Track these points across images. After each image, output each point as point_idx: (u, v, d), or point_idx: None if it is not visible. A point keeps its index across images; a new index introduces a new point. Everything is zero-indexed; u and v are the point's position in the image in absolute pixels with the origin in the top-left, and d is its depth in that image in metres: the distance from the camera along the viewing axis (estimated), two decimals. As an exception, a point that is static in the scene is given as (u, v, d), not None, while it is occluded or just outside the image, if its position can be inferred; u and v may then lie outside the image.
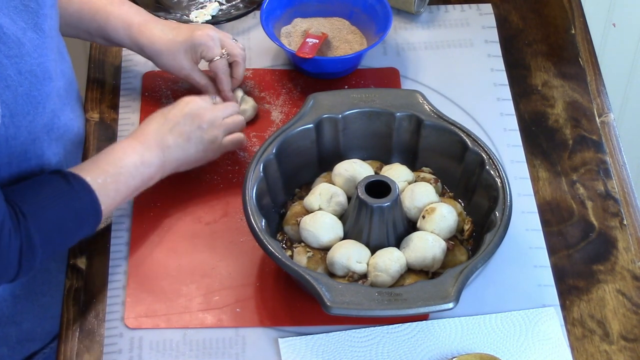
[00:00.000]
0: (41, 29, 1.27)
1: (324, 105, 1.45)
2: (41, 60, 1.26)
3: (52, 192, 1.28)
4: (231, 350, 1.33)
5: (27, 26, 1.25)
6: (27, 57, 1.24)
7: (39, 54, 1.26)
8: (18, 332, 1.48)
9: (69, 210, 1.29)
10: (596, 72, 1.64)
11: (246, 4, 1.71)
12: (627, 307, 1.37)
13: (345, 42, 1.63)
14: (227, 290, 1.38)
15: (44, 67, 1.27)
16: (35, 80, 1.25)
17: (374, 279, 1.33)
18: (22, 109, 1.25)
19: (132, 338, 1.34)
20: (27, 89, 1.24)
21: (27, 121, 1.26)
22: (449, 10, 1.72)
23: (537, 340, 1.33)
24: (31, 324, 1.49)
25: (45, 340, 1.53)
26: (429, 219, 1.36)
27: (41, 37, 1.27)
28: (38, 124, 1.29)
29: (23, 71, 1.23)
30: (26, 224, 1.24)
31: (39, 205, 1.26)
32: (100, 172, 1.33)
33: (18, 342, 1.49)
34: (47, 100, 1.29)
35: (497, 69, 1.64)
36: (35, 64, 1.25)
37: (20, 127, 1.26)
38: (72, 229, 1.31)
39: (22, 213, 1.25)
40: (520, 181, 1.49)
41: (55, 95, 1.32)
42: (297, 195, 1.45)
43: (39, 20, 1.27)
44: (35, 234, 1.25)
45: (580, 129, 1.56)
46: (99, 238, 1.44)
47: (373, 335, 1.33)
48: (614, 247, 1.43)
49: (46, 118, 1.30)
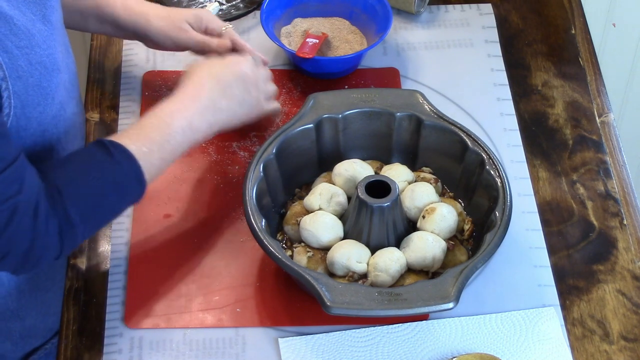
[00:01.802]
0: (49, 20, 1.27)
1: (324, 105, 1.45)
2: (50, 51, 1.26)
3: (89, 164, 1.24)
4: (231, 350, 1.33)
5: (36, 17, 1.26)
6: (36, 48, 1.24)
7: (48, 45, 1.26)
8: (21, 327, 1.48)
9: (110, 184, 1.24)
10: (596, 72, 1.64)
11: (246, 4, 1.71)
12: (627, 307, 1.37)
13: (345, 42, 1.63)
14: (227, 290, 1.38)
15: (52, 59, 1.26)
16: (45, 72, 1.25)
17: (374, 279, 1.33)
18: (32, 100, 1.24)
19: (132, 338, 1.34)
20: (37, 79, 1.24)
21: (38, 112, 1.26)
22: (449, 10, 1.72)
23: (537, 340, 1.33)
24: (34, 320, 1.49)
25: (46, 336, 1.53)
26: (429, 219, 1.36)
27: (49, 29, 1.27)
28: (48, 116, 1.28)
29: (33, 62, 1.23)
30: (62, 202, 1.21)
31: (76, 179, 1.23)
32: (146, 140, 1.28)
33: (21, 337, 1.49)
34: (56, 92, 1.28)
35: (497, 69, 1.64)
36: (44, 55, 1.25)
37: (31, 118, 1.25)
38: (115, 202, 1.27)
39: (57, 190, 1.21)
40: (520, 181, 1.49)
41: (63, 87, 1.31)
42: (297, 195, 1.45)
43: (46, 12, 1.27)
44: (73, 211, 1.22)
45: (580, 129, 1.56)
46: (99, 238, 1.44)
47: (373, 335, 1.33)
48: (614, 247, 1.43)
49: (55, 109, 1.29)
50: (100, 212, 1.26)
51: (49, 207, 1.20)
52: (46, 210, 1.20)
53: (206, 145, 1.53)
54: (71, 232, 1.23)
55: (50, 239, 1.21)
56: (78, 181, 1.23)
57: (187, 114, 1.32)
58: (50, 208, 1.21)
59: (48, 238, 1.21)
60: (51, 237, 1.21)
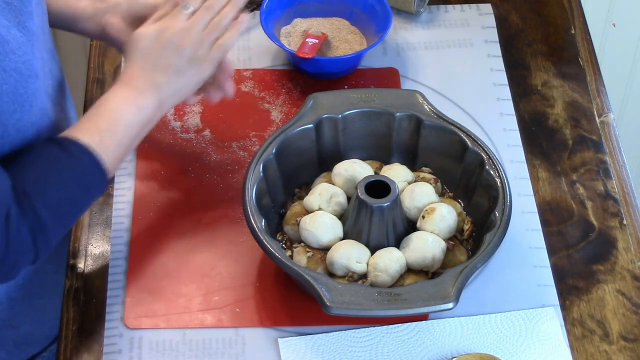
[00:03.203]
0: (25, 27, 1.25)
1: (324, 105, 1.45)
2: (26, 58, 1.24)
3: (50, 164, 1.24)
4: (231, 350, 1.33)
5: (11, 24, 1.24)
6: (11, 55, 1.22)
7: (24, 51, 1.24)
8: (16, 335, 1.47)
9: (72, 179, 1.24)
10: (596, 72, 1.64)
11: (246, 4, 1.71)
12: (627, 307, 1.37)
13: (345, 42, 1.63)
14: (226, 290, 1.38)
15: (29, 65, 1.25)
16: (21, 78, 1.24)
17: (373, 279, 1.33)
18: (7, 107, 1.23)
19: (132, 338, 1.34)
20: (12, 86, 1.22)
21: (15, 119, 1.24)
22: (449, 10, 1.72)
23: (537, 340, 1.33)
24: (29, 328, 1.48)
25: (43, 344, 1.52)
26: (429, 219, 1.36)
27: (26, 35, 1.25)
28: (26, 123, 1.26)
29: (7, 69, 1.22)
30: (31, 204, 1.21)
31: (40, 181, 1.22)
32: (95, 129, 1.27)
33: (16, 346, 1.48)
34: (34, 99, 1.27)
35: (497, 69, 1.64)
36: (20, 62, 1.23)
37: (7, 125, 1.24)
38: (80, 196, 1.26)
39: (24, 193, 1.21)
40: (520, 181, 1.49)
41: (44, 93, 1.30)
42: (297, 195, 1.45)
43: (22, 19, 1.25)
44: (43, 212, 1.21)
45: (580, 129, 1.56)
46: (99, 238, 1.44)
47: (373, 335, 1.33)
48: (613, 247, 1.43)
49: (35, 117, 1.28)
50: (69, 209, 1.25)
51: (19, 211, 1.20)
52: (17, 214, 1.19)
53: (206, 145, 1.53)
54: (44, 234, 1.22)
55: (24, 243, 1.21)
56: (42, 182, 1.22)
57: (129, 96, 1.30)
58: (21, 212, 1.20)
59: (21, 242, 1.21)
60: (24, 241, 1.21)
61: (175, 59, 1.31)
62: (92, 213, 1.46)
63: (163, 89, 1.31)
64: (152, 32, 1.33)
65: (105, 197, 1.47)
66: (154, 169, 1.51)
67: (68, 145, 1.25)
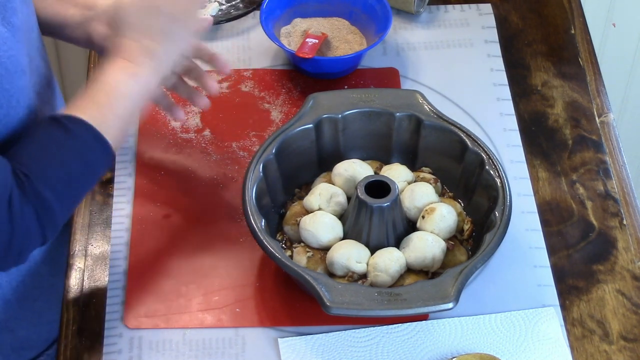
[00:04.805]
0: (10, 22, 1.25)
1: (324, 105, 1.45)
2: (11, 53, 1.24)
3: (49, 143, 1.22)
4: (231, 350, 1.33)
5: None
6: None
7: (9, 47, 1.23)
8: (12, 339, 1.47)
9: (73, 156, 1.23)
10: (596, 72, 1.64)
11: (246, 4, 1.71)
12: (627, 307, 1.37)
13: (345, 42, 1.63)
14: (226, 290, 1.38)
15: (14, 60, 1.24)
16: (6, 73, 1.23)
17: (373, 279, 1.33)
18: None
19: (132, 338, 1.34)
20: None
21: (1, 115, 1.24)
22: (449, 10, 1.72)
23: (537, 340, 1.33)
24: (26, 331, 1.47)
25: (41, 347, 1.51)
26: (429, 219, 1.36)
27: (10, 31, 1.24)
28: (13, 119, 1.26)
29: None
30: (32, 186, 1.19)
31: (40, 161, 1.21)
32: (93, 104, 1.25)
33: (13, 350, 1.48)
34: (21, 94, 1.26)
35: (497, 69, 1.64)
36: (5, 57, 1.23)
37: None
38: (84, 173, 1.25)
39: (25, 176, 1.19)
40: (520, 181, 1.49)
41: (32, 91, 1.30)
42: (297, 195, 1.45)
43: (7, 14, 1.25)
44: (46, 192, 1.20)
45: (580, 129, 1.56)
46: (99, 238, 1.44)
47: (373, 335, 1.33)
48: (613, 247, 1.43)
49: (21, 113, 1.27)
50: (73, 187, 1.24)
51: (21, 194, 1.19)
52: (19, 197, 1.18)
53: (206, 145, 1.53)
54: (49, 214, 1.21)
55: (29, 226, 1.19)
56: (43, 162, 1.21)
57: (126, 67, 1.29)
58: (22, 195, 1.19)
59: (27, 225, 1.19)
60: (30, 224, 1.19)
61: (160, 21, 1.31)
62: (92, 213, 1.46)
63: (155, 54, 1.30)
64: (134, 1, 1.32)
65: (105, 197, 1.48)
66: (154, 169, 1.51)
67: (66, 123, 1.23)
